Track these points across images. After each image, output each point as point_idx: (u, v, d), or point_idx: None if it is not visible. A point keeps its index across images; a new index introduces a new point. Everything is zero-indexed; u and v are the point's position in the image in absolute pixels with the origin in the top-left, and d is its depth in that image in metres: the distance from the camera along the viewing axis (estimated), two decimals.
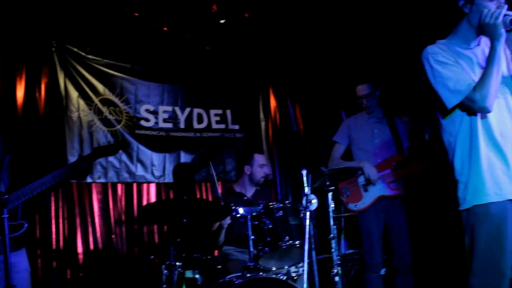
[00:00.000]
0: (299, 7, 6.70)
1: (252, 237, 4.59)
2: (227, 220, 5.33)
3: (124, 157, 6.49)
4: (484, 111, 2.93)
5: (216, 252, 5.63)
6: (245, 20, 6.82)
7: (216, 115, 7.20)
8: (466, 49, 3.12)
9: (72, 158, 5.96)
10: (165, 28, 6.74)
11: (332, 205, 4.78)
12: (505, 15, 2.90)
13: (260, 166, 5.69)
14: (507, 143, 2.94)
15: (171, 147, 6.80)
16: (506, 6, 2.97)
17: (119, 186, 6.47)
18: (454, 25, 3.17)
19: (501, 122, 2.97)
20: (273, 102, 7.59)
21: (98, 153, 4.43)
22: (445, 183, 6.82)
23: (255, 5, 6.64)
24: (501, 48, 2.92)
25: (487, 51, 3.01)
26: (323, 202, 5.00)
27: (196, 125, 7.02)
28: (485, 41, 3.13)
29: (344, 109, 7.56)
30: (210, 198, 6.80)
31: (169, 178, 6.71)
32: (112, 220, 6.31)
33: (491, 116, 2.96)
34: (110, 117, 6.44)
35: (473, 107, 2.92)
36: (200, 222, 5.54)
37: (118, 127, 6.46)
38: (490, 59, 2.92)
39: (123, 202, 6.44)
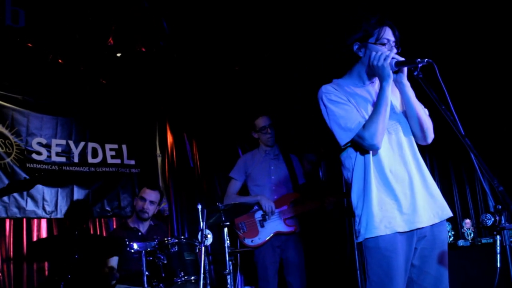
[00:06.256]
0: (196, 40, 6.77)
1: (147, 273, 4.53)
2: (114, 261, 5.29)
3: None
4: (373, 148, 3.02)
5: None
6: (142, 53, 6.79)
7: (111, 149, 7.04)
8: (361, 87, 3.23)
9: None
10: (60, 60, 6.59)
11: (228, 241, 4.78)
12: (392, 58, 3.00)
13: (141, 198, 5.66)
14: (397, 178, 3.03)
15: (64, 181, 6.55)
16: (394, 50, 3.10)
17: (7, 222, 6.14)
18: (351, 67, 3.27)
19: (391, 158, 3.06)
20: (170, 138, 7.54)
21: (12, 188, 4.25)
22: (340, 220, 7.04)
23: (152, 39, 6.63)
24: (389, 88, 3.01)
25: None
26: (219, 238, 5.01)
27: (90, 160, 6.83)
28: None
29: (240, 145, 7.65)
30: (104, 234, 6.63)
31: (61, 214, 6.45)
32: None
33: (381, 152, 3.05)
34: None
35: (363, 144, 3.01)
36: (92, 258, 5.40)
37: (8, 160, 6.19)
38: (378, 99, 3.02)
39: (11, 239, 6.13)
